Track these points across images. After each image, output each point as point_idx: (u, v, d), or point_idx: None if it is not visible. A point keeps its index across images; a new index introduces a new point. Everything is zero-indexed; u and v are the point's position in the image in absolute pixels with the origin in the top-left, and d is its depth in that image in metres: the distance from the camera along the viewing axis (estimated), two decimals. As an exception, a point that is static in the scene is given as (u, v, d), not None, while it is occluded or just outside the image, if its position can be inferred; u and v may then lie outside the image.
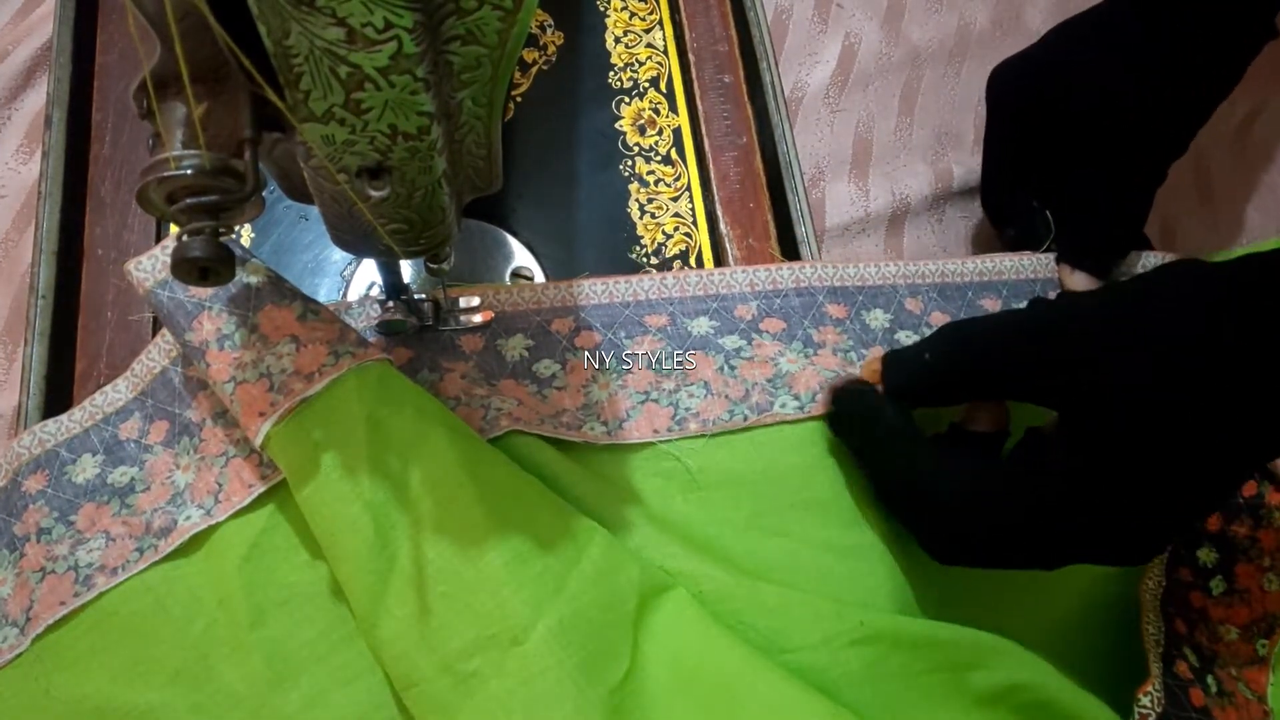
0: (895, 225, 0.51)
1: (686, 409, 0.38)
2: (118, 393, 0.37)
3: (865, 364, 0.38)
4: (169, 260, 0.34)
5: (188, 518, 0.34)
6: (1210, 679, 0.37)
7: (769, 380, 0.39)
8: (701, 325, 0.40)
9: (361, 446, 0.31)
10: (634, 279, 0.41)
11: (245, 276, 0.34)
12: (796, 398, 0.38)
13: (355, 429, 0.31)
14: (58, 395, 0.39)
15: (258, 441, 0.32)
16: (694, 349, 0.39)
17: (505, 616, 0.30)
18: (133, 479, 0.35)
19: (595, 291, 0.40)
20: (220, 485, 0.35)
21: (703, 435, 0.37)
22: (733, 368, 0.39)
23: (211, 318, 0.33)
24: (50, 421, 0.36)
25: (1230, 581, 0.39)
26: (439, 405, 0.34)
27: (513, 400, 0.37)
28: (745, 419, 0.38)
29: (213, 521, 0.34)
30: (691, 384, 0.39)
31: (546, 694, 0.29)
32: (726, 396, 0.38)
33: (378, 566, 0.30)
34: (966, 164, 0.52)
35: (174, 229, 0.41)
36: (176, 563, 0.34)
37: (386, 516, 0.31)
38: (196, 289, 0.33)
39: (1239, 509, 0.39)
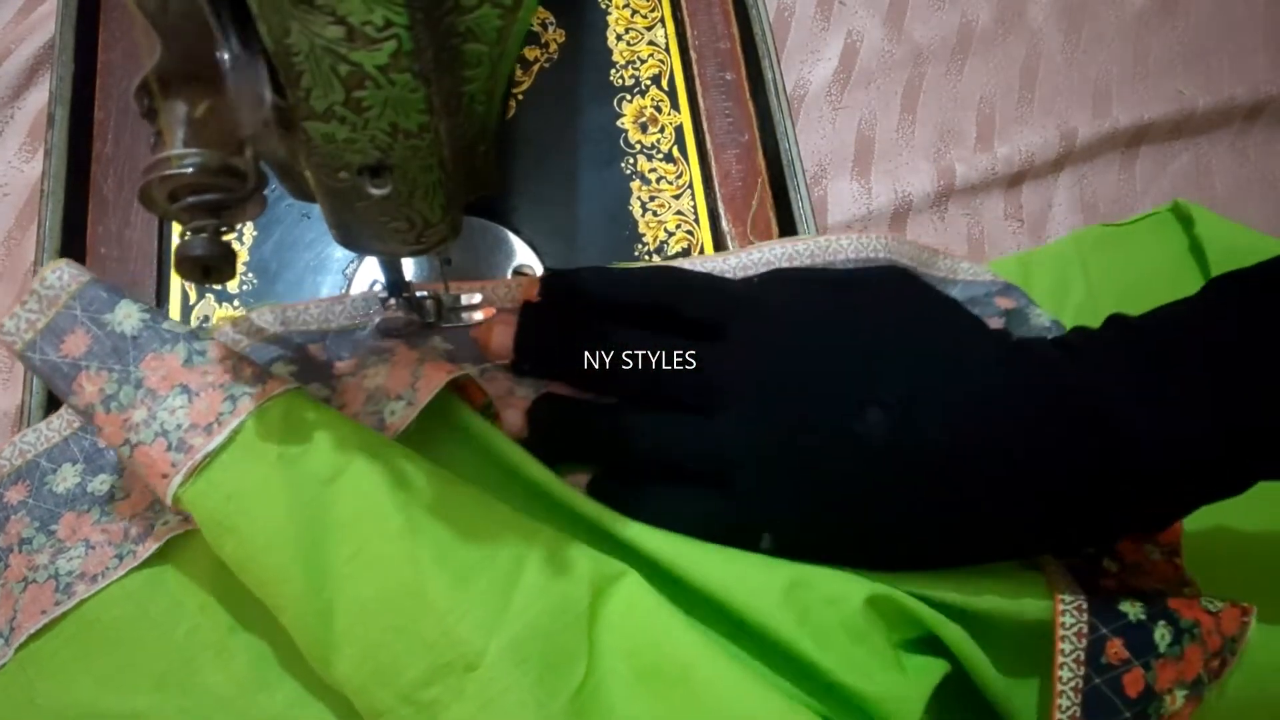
0: (897, 223, 0.50)
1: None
2: None
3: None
4: (35, 318, 0.31)
5: (165, 523, 0.34)
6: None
7: None
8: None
9: (278, 492, 0.30)
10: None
11: (117, 324, 0.32)
12: None
13: (268, 475, 0.30)
14: (60, 393, 0.39)
15: (168, 503, 0.31)
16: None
17: (455, 644, 0.29)
18: (112, 486, 0.35)
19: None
20: None
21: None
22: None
23: (91, 378, 0.31)
24: (29, 431, 0.36)
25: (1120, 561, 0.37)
26: (353, 426, 0.32)
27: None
28: None
29: (190, 526, 0.33)
30: None
31: (507, 714, 0.29)
32: None
33: (318, 609, 0.29)
34: (969, 161, 0.52)
35: (176, 228, 0.41)
36: (156, 569, 0.34)
37: (315, 561, 0.30)
38: (68, 347, 0.32)
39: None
